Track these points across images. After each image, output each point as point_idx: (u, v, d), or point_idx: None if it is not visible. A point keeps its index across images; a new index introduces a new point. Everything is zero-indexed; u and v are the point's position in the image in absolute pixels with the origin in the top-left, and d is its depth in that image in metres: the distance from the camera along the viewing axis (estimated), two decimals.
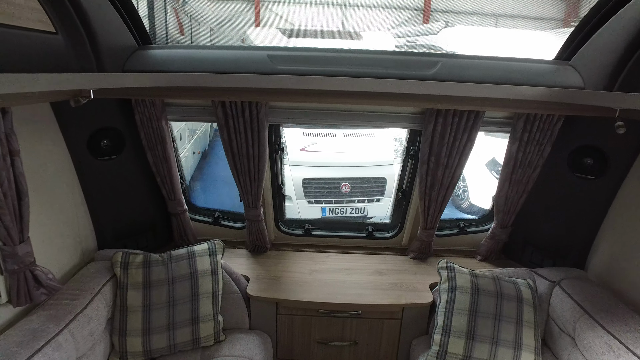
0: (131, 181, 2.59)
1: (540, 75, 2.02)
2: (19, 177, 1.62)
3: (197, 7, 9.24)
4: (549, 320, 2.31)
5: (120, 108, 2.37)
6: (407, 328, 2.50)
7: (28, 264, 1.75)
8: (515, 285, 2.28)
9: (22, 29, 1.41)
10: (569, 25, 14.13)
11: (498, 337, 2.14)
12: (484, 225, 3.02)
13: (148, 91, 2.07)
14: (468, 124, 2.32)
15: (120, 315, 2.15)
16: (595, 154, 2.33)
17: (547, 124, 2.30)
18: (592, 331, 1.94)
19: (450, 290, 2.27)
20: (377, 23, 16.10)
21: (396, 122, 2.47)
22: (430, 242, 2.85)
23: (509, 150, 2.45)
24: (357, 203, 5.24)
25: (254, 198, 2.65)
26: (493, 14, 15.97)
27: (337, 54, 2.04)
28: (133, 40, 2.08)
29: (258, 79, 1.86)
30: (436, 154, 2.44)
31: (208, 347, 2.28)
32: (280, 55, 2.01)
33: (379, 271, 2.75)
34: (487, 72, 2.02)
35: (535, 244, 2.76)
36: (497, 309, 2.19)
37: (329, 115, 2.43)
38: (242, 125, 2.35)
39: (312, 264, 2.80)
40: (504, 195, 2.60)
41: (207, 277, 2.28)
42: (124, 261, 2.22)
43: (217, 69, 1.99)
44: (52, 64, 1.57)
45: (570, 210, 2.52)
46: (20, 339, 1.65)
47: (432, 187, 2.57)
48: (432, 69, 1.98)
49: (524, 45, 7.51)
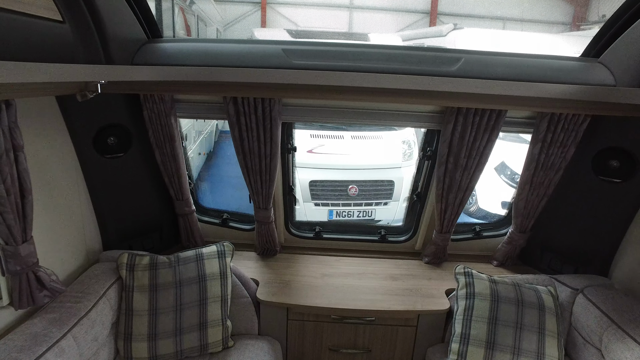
0: (138, 180, 2.51)
1: (567, 72, 1.93)
2: (23, 173, 1.55)
3: (204, 8, 9.22)
4: (571, 329, 2.21)
5: (128, 104, 2.29)
6: (423, 336, 2.41)
7: (31, 265, 1.68)
8: (537, 292, 2.19)
9: (27, 15, 1.34)
10: (577, 29, 14.04)
11: (520, 347, 2.05)
12: (500, 230, 2.92)
13: (157, 86, 2.00)
14: (489, 123, 2.23)
15: (126, 319, 2.06)
16: (622, 156, 2.24)
17: (572, 124, 2.21)
18: (622, 343, 1.84)
19: (469, 297, 2.18)
20: (384, 25, 16.04)
21: (413, 120, 2.38)
22: (445, 246, 2.76)
23: (531, 151, 2.36)
24: (364, 206, 5.17)
25: (264, 199, 2.56)
26: (501, 17, 15.87)
27: (355, 49, 1.95)
28: (142, 32, 2.01)
29: (274, 73, 1.78)
30: (455, 154, 2.35)
31: (216, 354, 2.19)
32: (296, 50, 1.93)
33: (393, 276, 2.66)
34: (511, 69, 1.94)
35: (555, 250, 2.66)
36: (518, 317, 2.10)
37: (343, 114, 2.35)
38: (254, 123, 2.27)
39: (323, 268, 2.71)
40: (523, 198, 2.51)
41: (215, 281, 2.19)
42: (130, 263, 2.14)
43: (229, 63, 1.91)
44: (58, 54, 1.50)
45: (594, 215, 2.42)
46: (22, 344, 1.58)
47: (449, 189, 2.48)
48: (454, 65, 1.90)
49: (534, 48, 7.43)
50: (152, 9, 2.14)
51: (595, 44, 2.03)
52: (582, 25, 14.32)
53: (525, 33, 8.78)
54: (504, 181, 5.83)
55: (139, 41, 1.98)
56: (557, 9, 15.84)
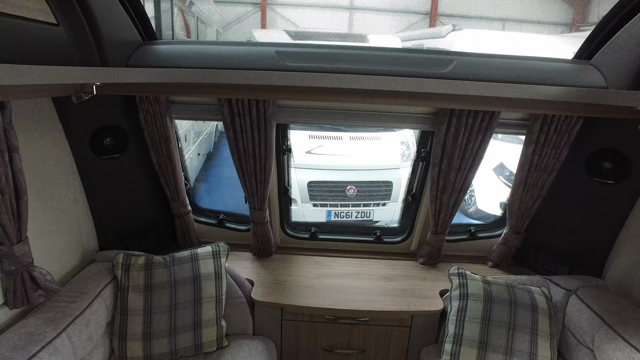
0: (134, 181, 2.52)
1: (560, 74, 1.94)
2: (18, 174, 1.56)
3: (204, 9, 9.23)
4: (564, 330, 2.22)
5: (124, 105, 2.31)
6: (417, 336, 2.42)
7: (26, 265, 1.69)
8: (530, 293, 2.20)
9: (22, 18, 1.35)
10: (577, 30, 14.03)
11: (512, 348, 2.06)
12: (495, 231, 2.93)
13: (153, 87, 2.01)
14: (482, 125, 2.25)
15: (121, 319, 2.08)
16: (615, 158, 2.25)
17: (564, 125, 2.22)
18: (614, 343, 1.85)
19: (462, 298, 2.19)
20: (384, 26, 16.05)
21: (407, 122, 2.40)
22: (440, 247, 2.77)
23: (524, 153, 2.37)
24: (362, 207, 5.17)
25: (259, 200, 2.57)
26: (500, 18, 15.88)
27: (349, 50, 1.97)
28: (138, 35, 2.02)
29: (266, 75, 1.80)
30: (449, 156, 2.36)
31: (210, 353, 2.20)
32: (289, 52, 1.94)
33: (387, 277, 2.67)
34: (503, 71, 1.95)
35: (549, 251, 2.67)
36: (511, 317, 2.11)
37: (337, 115, 2.36)
38: (249, 124, 2.28)
39: (319, 269, 2.72)
40: (517, 199, 2.52)
41: (210, 281, 2.21)
42: (126, 263, 2.15)
43: (224, 65, 1.92)
44: (53, 57, 1.51)
45: (588, 216, 2.43)
46: (16, 343, 1.59)
47: (443, 190, 2.49)
48: (447, 67, 1.91)
49: (532, 49, 7.43)
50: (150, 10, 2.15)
51: (588, 46, 2.04)
52: (581, 27, 14.32)
53: (524, 34, 8.77)
54: (503, 182, 5.84)
55: (134, 43, 2.00)
56: (557, 10, 15.84)
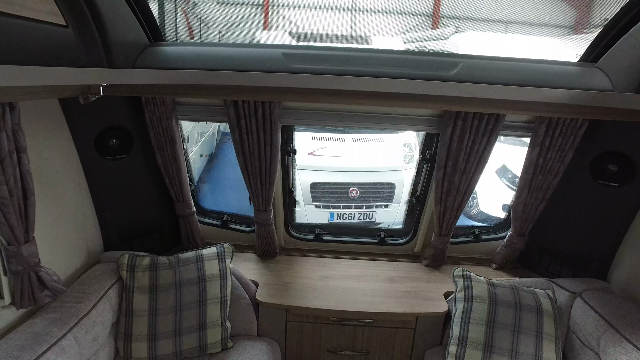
0: (139, 182, 2.53)
1: (566, 77, 1.94)
2: (25, 174, 1.57)
3: (207, 10, 9.24)
4: (569, 333, 2.22)
5: (130, 106, 2.32)
6: (421, 338, 2.42)
7: (33, 265, 1.70)
8: (535, 295, 2.20)
9: (32, 20, 1.36)
10: (580, 32, 14.01)
11: (517, 350, 2.06)
12: (499, 233, 2.93)
13: (159, 89, 2.02)
14: (488, 127, 2.25)
15: (126, 320, 2.08)
16: (620, 161, 2.24)
17: (570, 128, 2.22)
18: (620, 347, 1.84)
19: (467, 300, 2.19)
20: (386, 28, 16.05)
21: (413, 124, 2.40)
22: (444, 249, 2.77)
23: (529, 155, 2.37)
24: (365, 209, 5.17)
25: (264, 201, 2.58)
26: (503, 20, 15.87)
27: (355, 53, 1.97)
28: (144, 36, 2.03)
29: (273, 77, 1.80)
30: (454, 158, 2.36)
31: (215, 354, 2.21)
32: (295, 54, 1.95)
33: (391, 278, 2.67)
34: (509, 73, 1.95)
35: (554, 254, 2.66)
36: (516, 320, 2.11)
37: (343, 117, 2.36)
38: (255, 126, 2.29)
39: (323, 270, 2.72)
40: (522, 202, 2.51)
41: (215, 282, 2.21)
42: (131, 264, 2.16)
43: (230, 67, 1.93)
44: (61, 58, 1.52)
45: (592, 218, 2.43)
46: (23, 343, 1.60)
47: (448, 193, 2.49)
48: (453, 69, 1.91)
49: (535, 51, 7.42)
50: (154, 12, 2.16)
51: (594, 49, 2.04)
52: (584, 29, 14.30)
53: (527, 36, 8.77)
54: (505, 184, 5.82)
55: (141, 45, 2.00)
56: (560, 12, 15.82)
